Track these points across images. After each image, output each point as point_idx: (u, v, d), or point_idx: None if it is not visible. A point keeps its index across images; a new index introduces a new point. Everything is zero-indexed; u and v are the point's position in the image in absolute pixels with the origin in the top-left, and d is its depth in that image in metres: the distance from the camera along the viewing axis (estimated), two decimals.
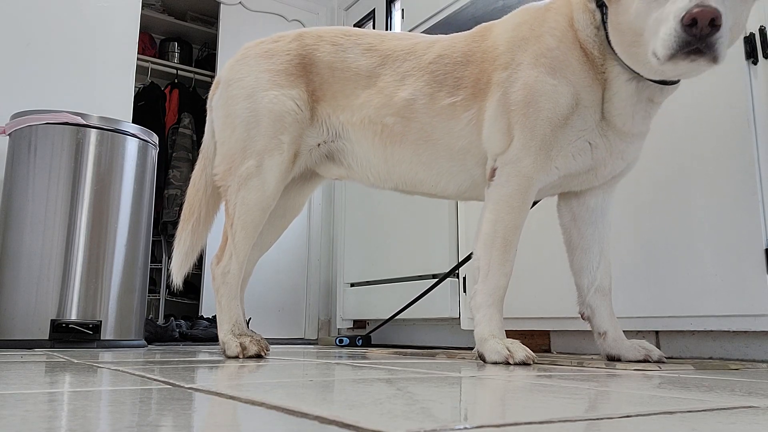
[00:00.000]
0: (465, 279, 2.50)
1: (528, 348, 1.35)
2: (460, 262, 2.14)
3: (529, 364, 1.32)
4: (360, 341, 2.89)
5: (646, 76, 1.35)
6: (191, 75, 4.55)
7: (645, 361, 1.46)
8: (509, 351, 1.33)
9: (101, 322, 2.36)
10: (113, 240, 2.44)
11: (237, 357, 1.57)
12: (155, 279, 4.26)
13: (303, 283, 3.88)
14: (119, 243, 2.46)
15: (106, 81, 3.03)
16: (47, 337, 2.26)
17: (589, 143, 1.43)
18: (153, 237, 2.75)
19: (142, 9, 3.26)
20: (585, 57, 1.40)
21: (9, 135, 2.50)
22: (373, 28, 3.84)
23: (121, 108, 3.00)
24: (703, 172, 1.74)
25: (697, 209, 1.74)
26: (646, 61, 1.28)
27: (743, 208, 1.64)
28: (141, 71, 3.99)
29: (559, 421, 0.58)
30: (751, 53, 1.68)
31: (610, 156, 1.46)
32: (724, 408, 0.69)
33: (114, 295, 2.42)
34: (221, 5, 3.93)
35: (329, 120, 1.70)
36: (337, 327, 3.56)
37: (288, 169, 1.69)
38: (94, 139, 2.46)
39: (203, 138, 1.89)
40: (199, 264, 1.99)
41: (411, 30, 3.39)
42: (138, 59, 3.24)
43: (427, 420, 0.57)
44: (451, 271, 2.25)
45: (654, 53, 1.22)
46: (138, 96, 4.03)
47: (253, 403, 0.68)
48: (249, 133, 1.67)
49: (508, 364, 1.32)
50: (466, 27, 1.69)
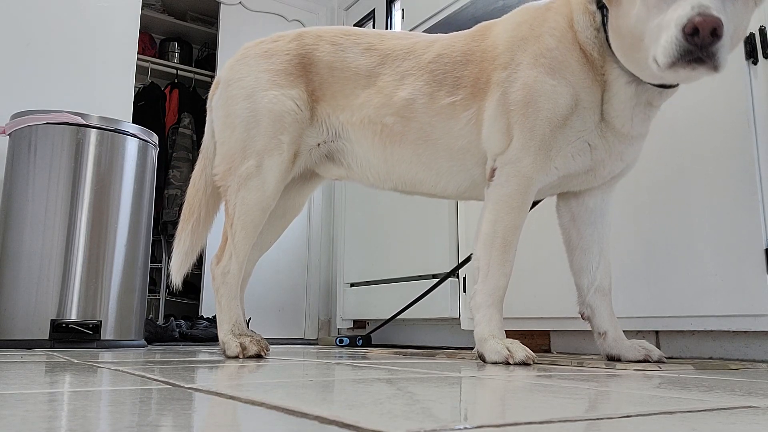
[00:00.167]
0: (465, 279, 2.50)
1: (528, 348, 1.35)
2: (461, 263, 2.14)
3: (529, 364, 1.32)
4: (360, 341, 2.89)
5: (645, 80, 1.35)
6: (191, 75, 4.55)
7: (645, 361, 1.45)
8: (509, 351, 1.33)
9: (101, 322, 2.36)
10: (113, 240, 2.44)
11: (237, 357, 1.57)
12: (155, 279, 4.26)
13: (303, 283, 3.88)
14: (119, 243, 2.46)
15: (106, 81, 3.03)
16: (47, 337, 2.26)
17: (589, 144, 1.43)
18: (153, 237, 2.75)
19: (142, 9, 3.26)
20: (584, 58, 1.40)
21: (9, 135, 2.50)
22: (373, 28, 3.84)
23: (121, 108, 3.00)
24: (703, 172, 1.74)
25: (697, 209, 1.74)
26: (646, 66, 1.27)
27: (743, 208, 1.64)
28: (141, 71, 3.99)
29: (559, 421, 0.58)
30: (751, 53, 1.67)
31: (609, 157, 1.45)
32: (724, 408, 0.69)
33: (114, 295, 2.42)
34: (221, 5, 3.93)
35: (329, 120, 1.70)
36: (337, 327, 3.56)
37: (288, 169, 1.69)
38: (94, 139, 2.46)
39: (203, 138, 1.89)
40: (199, 264, 1.99)
41: (411, 30, 3.38)
42: (138, 59, 3.24)
43: (427, 420, 0.57)
44: (453, 272, 2.25)
45: (654, 59, 1.20)
46: (138, 96, 4.03)
47: (253, 403, 0.68)
48: (249, 133, 1.67)
49: (508, 364, 1.32)
50: (466, 27, 1.68)
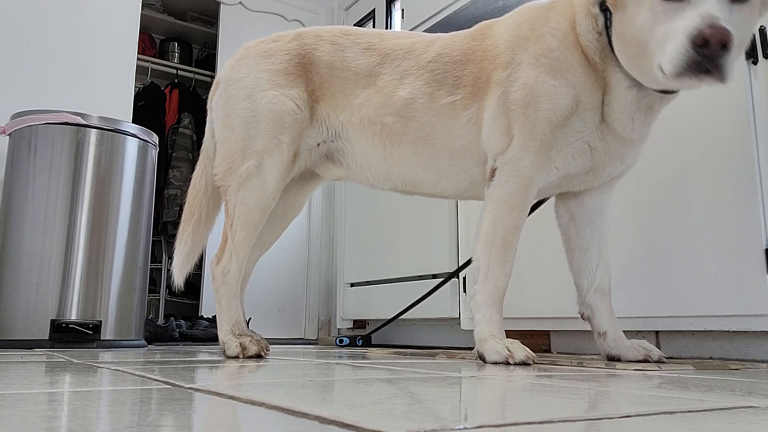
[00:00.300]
0: (465, 279, 2.50)
1: (528, 348, 1.35)
2: (462, 265, 2.13)
3: (529, 364, 1.32)
4: (360, 341, 2.89)
5: (648, 85, 1.34)
6: (191, 75, 4.55)
7: (645, 361, 1.45)
8: (509, 351, 1.33)
9: (101, 322, 2.36)
10: (113, 240, 2.44)
11: (237, 357, 1.57)
12: (155, 279, 4.26)
13: (303, 283, 3.88)
14: (119, 243, 2.46)
15: (106, 81, 3.03)
16: (47, 337, 2.26)
17: (589, 145, 1.42)
18: (153, 237, 2.75)
19: (142, 9, 3.26)
20: (586, 60, 1.39)
21: (9, 135, 2.50)
22: (373, 27, 3.84)
23: (121, 108, 3.00)
24: (703, 172, 1.74)
25: (697, 209, 1.74)
26: (649, 72, 1.25)
27: (743, 208, 1.63)
28: (141, 71, 3.99)
29: (559, 421, 0.58)
30: (751, 53, 1.67)
31: (609, 159, 1.45)
32: (724, 408, 0.69)
33: (114, 295, 2.42)
34: (221, 5, 3.93)
35: (329, 120, 1.70)
36: (337, 327, 3.56)
37: (288, 169, 1.69)
38: (94, 139, 2.46)
39: (203, 138, 1.89)
40: (200, 264, 1.98)
41: (411, 30, 3.38)
42: (138, 59, 3.24)
43: (428, 420, 0.57)
44: (454, 273, 2.24)
45: (660, 67, 1.19)
46: (138, 96, 4.03)
47: (253, 403, 0.68)
48: (249, 133, 1.67)
49: (508, 364, 1.32)
50: (466, 27, 1.68)
